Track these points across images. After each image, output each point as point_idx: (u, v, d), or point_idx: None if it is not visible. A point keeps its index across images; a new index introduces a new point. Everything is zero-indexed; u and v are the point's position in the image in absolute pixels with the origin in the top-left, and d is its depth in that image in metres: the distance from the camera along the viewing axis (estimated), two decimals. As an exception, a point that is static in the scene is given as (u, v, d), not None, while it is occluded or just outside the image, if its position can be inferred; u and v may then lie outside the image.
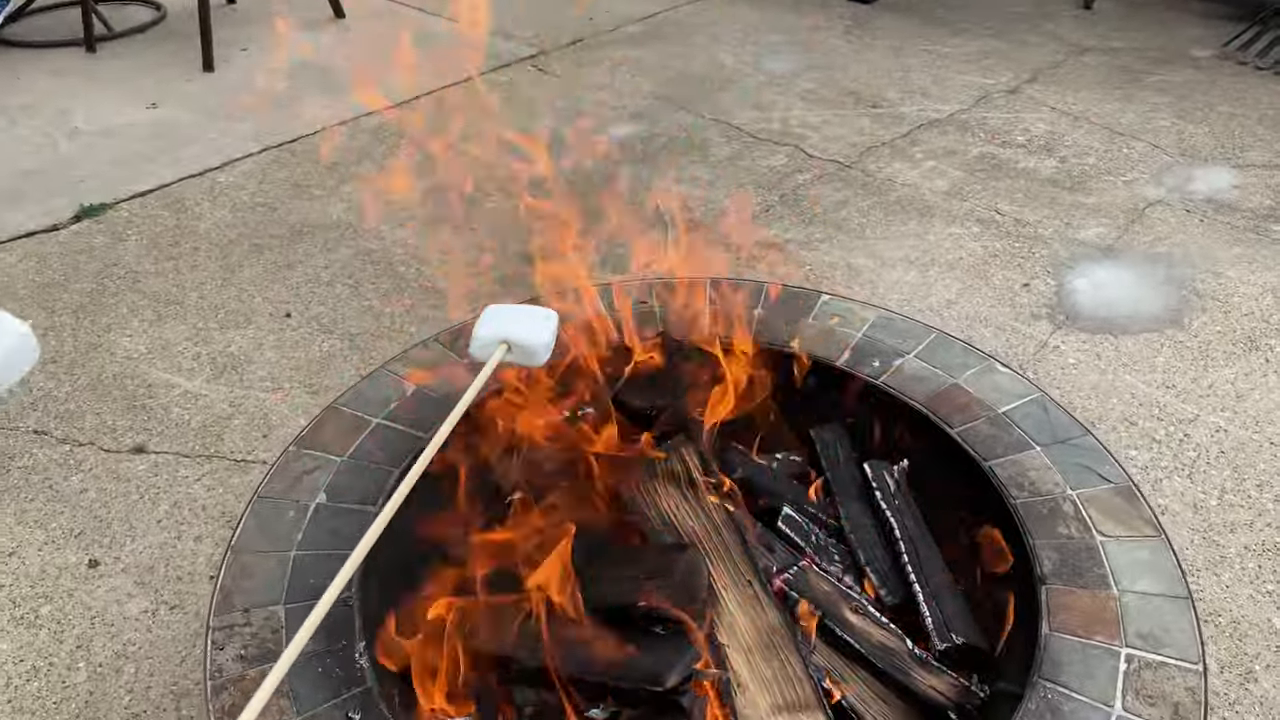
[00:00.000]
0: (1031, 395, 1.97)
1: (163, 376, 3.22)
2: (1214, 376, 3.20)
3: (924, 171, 4.39)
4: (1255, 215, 4.02)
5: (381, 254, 3.84)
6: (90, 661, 2.35)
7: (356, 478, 1.83)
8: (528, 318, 1.64)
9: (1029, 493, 1.77)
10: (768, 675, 1.62)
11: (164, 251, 3.87)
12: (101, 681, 2.30)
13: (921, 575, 1.79)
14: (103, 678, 2.31)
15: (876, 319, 2.16)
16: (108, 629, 2.43)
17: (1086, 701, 1.47)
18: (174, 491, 2.81)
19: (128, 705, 2.26)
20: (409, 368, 2.07)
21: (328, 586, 1.62)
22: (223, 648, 1.56)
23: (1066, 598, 1.61)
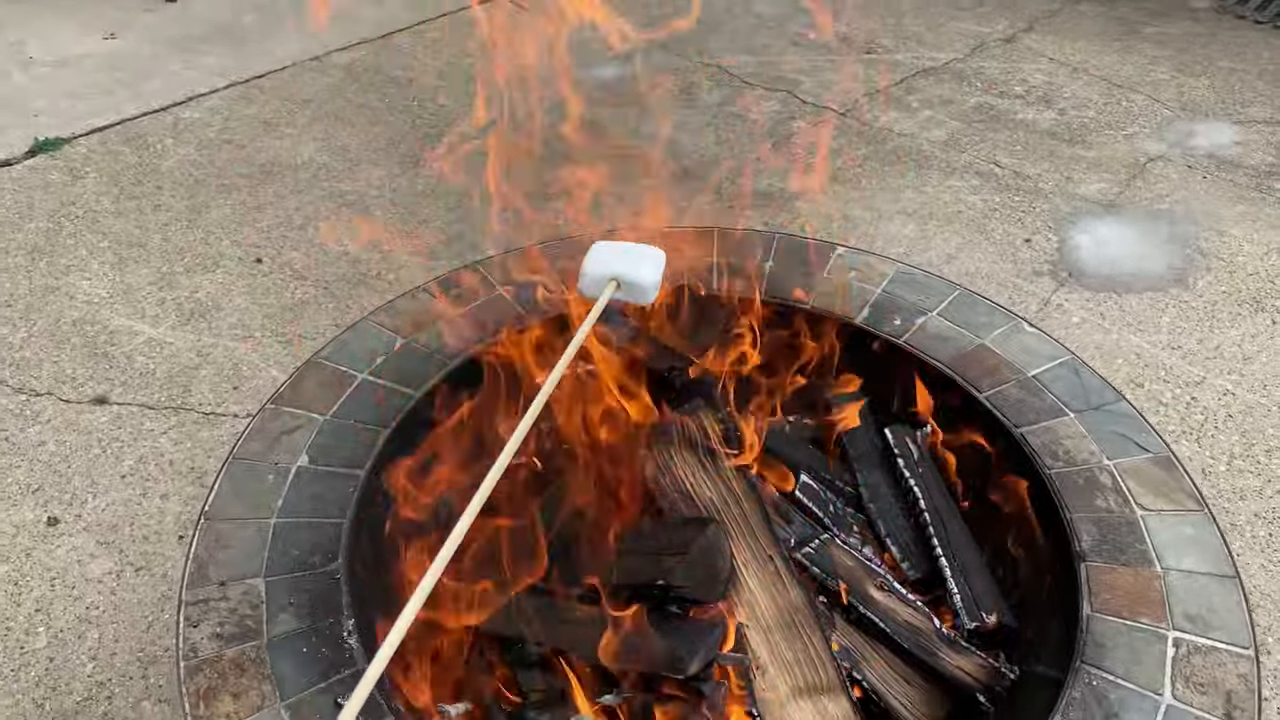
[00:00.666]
0: (1062, 358, 1.85)
1: (125, 323, 3.03)
2: (1220, 338, 3.12)
3: (920, 121, 4.25)
4: (1258, 172, 3.92)
5: (357, 196, 3.65)
6: (50, 626, 2.20)
7: (341, 439, 1.68)
8: (637, 255, 1.56)
9: (1064, 462, 1.67)
10: (789, 657, 1.51)
11: (125, 190, 3.65)
12: (63, 647, 2.16)
13: (949, 549, 1.68)
14: (64, 643, 2.17)
15: (896, 274, 2.03)
16: (69, 591, 2.28)
17: (1134, 689, 1.37)
18: (139, 445, 2.64)
19: (91, 673, 2.13)
20: (396, 319, 1.91)
21: (312, 556, 1.49)
22: (197, 625, 1.42)
23: (1108, 576, 1.51)
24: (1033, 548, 1.66)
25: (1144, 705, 1.36)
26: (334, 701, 1.34)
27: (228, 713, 1.32)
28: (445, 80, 4.46)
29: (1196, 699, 1.36)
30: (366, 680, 1.02)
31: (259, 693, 1.35)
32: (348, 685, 1.36)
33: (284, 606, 1.45)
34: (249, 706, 1.34)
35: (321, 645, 1.41)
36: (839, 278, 2.01)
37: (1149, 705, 1.36)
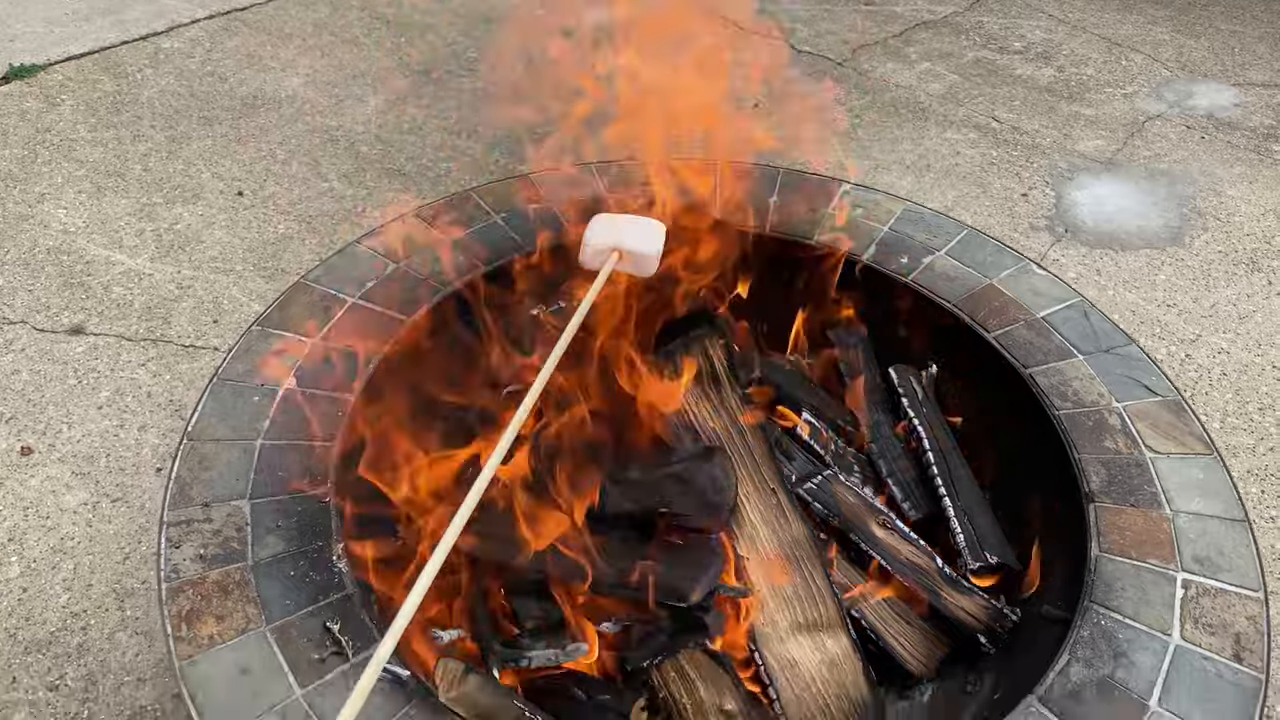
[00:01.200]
0: (1072, 300, 1.81)
1: (102, 253, 2.94)
2: (1215, 297, 3.09)
3: (919, 73, 4.18)
4: (1256, 134, 3.89)
5: (343, 132, 3.56)
6: (24, 556, 2.14)
7: (329, 362, 1.62)
8: (638, 227, 1.60)
9: (1072, 404, 1.63)
10: (789, 591, 1.47)
11: (102, 119, 3.54)
12: (36, 577, 2.10)
13: (952, 488, 1.64)
14: (37, 573, 2.11)
15: (904, 211, 1.98)
16: (43, 522, 2.21)
17: (1143, 629, 1.35)
18: (116, 377, 2.57)
19: (65, 604, 2.07)
20: (386, 243, 1.84)
21: (300, 479, 1.44)
22: (179, 546, 1.36)
23: (1116, 517, 1.48)
24: (1040, 488, 1.62)
25: (1153, 645, 1.33)
26: (323, 625, 1.29)
27: (211, 634, 1.28)
28: (431, 16, 4.34)
29: (1205, 639, 1.34)
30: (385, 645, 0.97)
31: (244, 615, 1.30)
32: (336, 609, 1.31)
33: (270, 529, 1.39)
34: (233, 629, 1.29)
35: (309, 569, 1.36)
36: (845, 214, 1.96)
37: (1158, 645, 1.33)
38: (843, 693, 1.46)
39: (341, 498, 1.44)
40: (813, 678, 1.45)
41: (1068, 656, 1.32)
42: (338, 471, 1.46)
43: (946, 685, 1.58)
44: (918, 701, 1.58)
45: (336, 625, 1.29)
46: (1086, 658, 1.32)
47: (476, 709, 1.23)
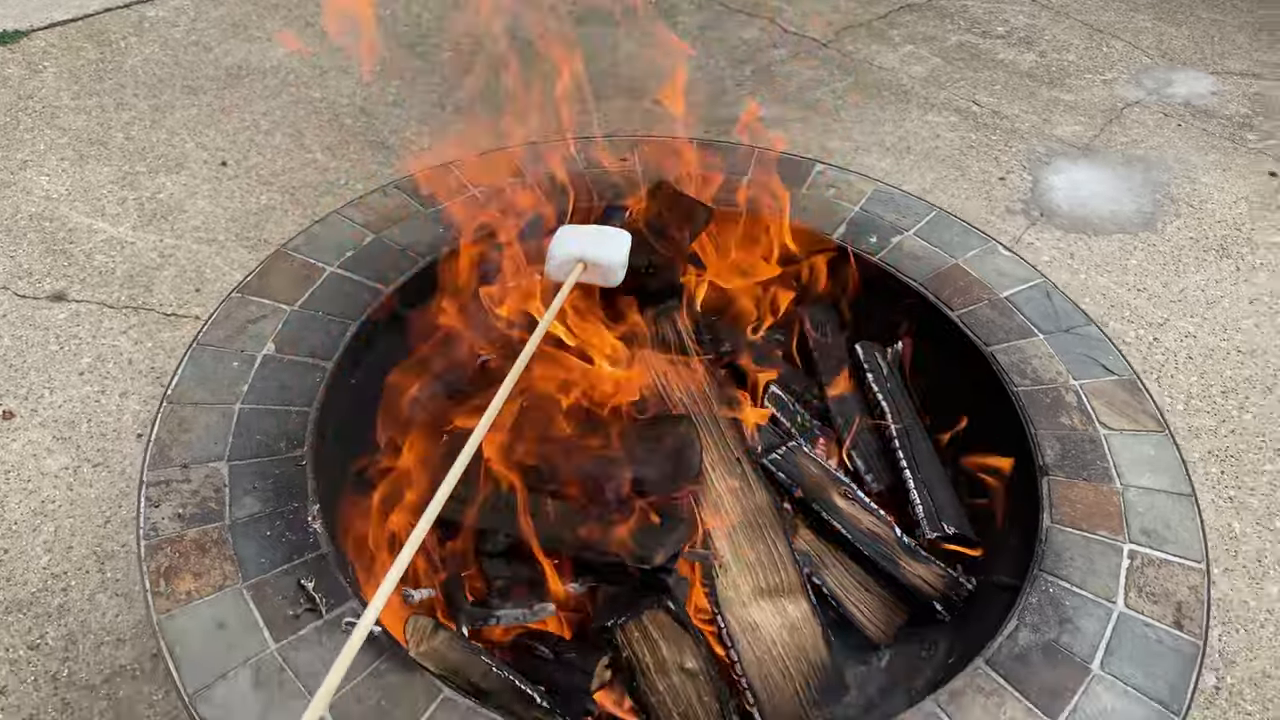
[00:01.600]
0: (1035, 280, 1.86)
1: (85, 220, 2.96)
2: (1185, 282, 3.15)
3: (902, 56, 4.21)
4: (1231, 123, 3.94)
5: (326, 104, 3.57)
6: (5, 518, 2.17)
7: (308, 329, 1.66)
8: (602, 237, 1.63)
9: (1031, 381, 1.68)
10: (752, 558, 1.52)
11: (85, 87, 3.54)
12: (17, 539, 2.13)
13: (913, 461, 1.69)
14: (18, 535, 2.14)
15: (874, 192, 2.02)
16: (24, 485, 2.24)
17: (1089, 597, 1.40)
18: (98, 344, 2.59)
19: (47, 565, 2.10)
20: (367, 214, 1.88)
21: (277, 443, 1.48)
22: (158, 505, 1.40)
23: (1068, 490, 1.53)
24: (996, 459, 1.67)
25: (1097, 612, 1.39)
26: (297, 583, 1.33)
27: (189, 590, 1.32)
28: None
29: (1148, 608, 1.40)
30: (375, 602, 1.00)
31: (221, 573, 1.34)
32: (311, 568, 1.35)
33: (247, 490, 1.43)
34: (210, 585, 1.33)
35: (285, 529, 1.40)
36: (818, 194, 1.99)
37: (1102, 612, 1.39)
38: (802, 655, 1.52)
39: (319, 460, 1.48)
40: (773, 641, 1.50)
41: (1016, 622, 1.37)
42: (315, 435, 1.50)
43: (904, 651, 1.64)
44: (876, 666, 1.64)
45: (311, 583, 1.33)
46: (1034, 623, 1.37)
47: (445, 664, 1.27)
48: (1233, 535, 2.40)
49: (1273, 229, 3.36)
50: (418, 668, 1.26)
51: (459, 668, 1.28)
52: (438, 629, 1.27)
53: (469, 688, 1.29)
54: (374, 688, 1.24)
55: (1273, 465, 2.58)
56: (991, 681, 1.31)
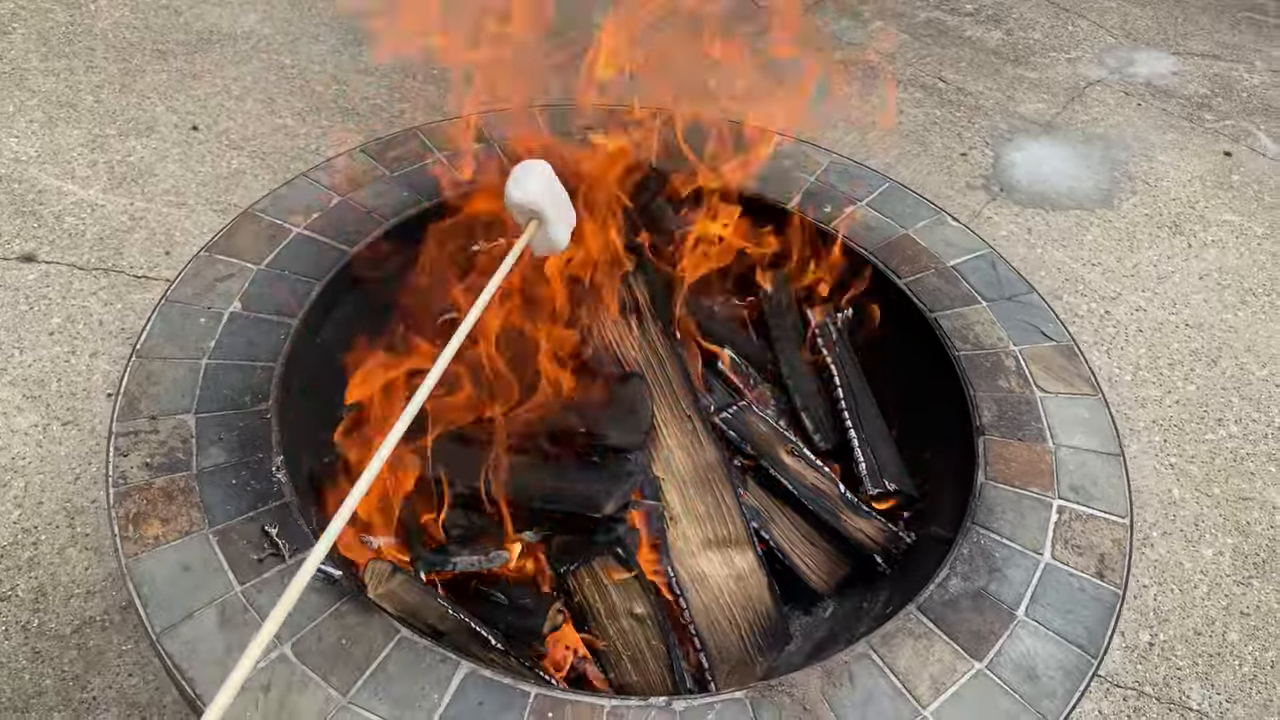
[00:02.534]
0: (981, 251, 1.93)
1: (54, 183, 2.97)
2: (1138, 257, 3.24)
3: (870, 32, 4.27)
4: (1191, 103, 4.03)
5: (298, 71, 3.58)
6: (-25, 474, 2.21)
7: (274, 287, 1.70)
8: (564, 206, 1.44)
9: (972, 345, 1.75)
10: (701, 511, 1.59)
11: (54, 49, 3.54)
12: (-12, 494, 2.17)
13: (858, 422, 1.77)
14: (-11, 490, 2.18)
15: (830, 164, 2.09)
16: (-6, 441, 2.28)
17: (1017, 549, 1.48)
18: (67, 304, 2.62)
19: (17, 520, 2.15)
20: (333, 177, 1.92)
21: (243, 397, 1.53)
22: (127, 454, 1.45)
23: (1003, 449, 1.61)
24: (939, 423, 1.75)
25: (1025, 563, 1.46)
26: (261, 529, 1.39)
27: (156, 535, 1.37)
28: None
29: (1073, 559, 1.47)
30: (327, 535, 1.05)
31: (187, 519, 1.39)
32: (275, 515, 1.41)
33: (214, 441, 1.48)
34: (177, 531, 1.38)
35: (250, 478, 1.45)
36: (775, 165, 2.05)
37: (1029, 563, 1.46)
38: (748, 604, 1.59)
39: (283, 413, 1.53)
40: (720, 590, 1.57)
41: (947, 571, 1.45)
42: (279, 389, 1.55)
43: (847, 601, 1.72)
44: (820, 616, 1.71)
45: (275, 529, 1.39)
46: (964, 572, 1.45)
47: (402, 606, 1.33)
48: (1172, 500, 2.50)
49: (1224, 207, 3.46)
50: (376, 609, 1.32)
51: (416, 610, 1.34)
52: (395, 572, 1.33)
53: (426, 629, 1.35)
54: (334, 628, 1.30)
55: (1213, 434, 2.68)
56: (922, 625, 1.38)
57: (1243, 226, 3.38)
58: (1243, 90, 4.13)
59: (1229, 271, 3.20)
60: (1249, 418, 2.73)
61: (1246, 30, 4.60)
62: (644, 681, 1.47)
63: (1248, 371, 2.86)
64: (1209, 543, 2.41)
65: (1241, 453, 2.64)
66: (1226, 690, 2.12)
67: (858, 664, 1.33)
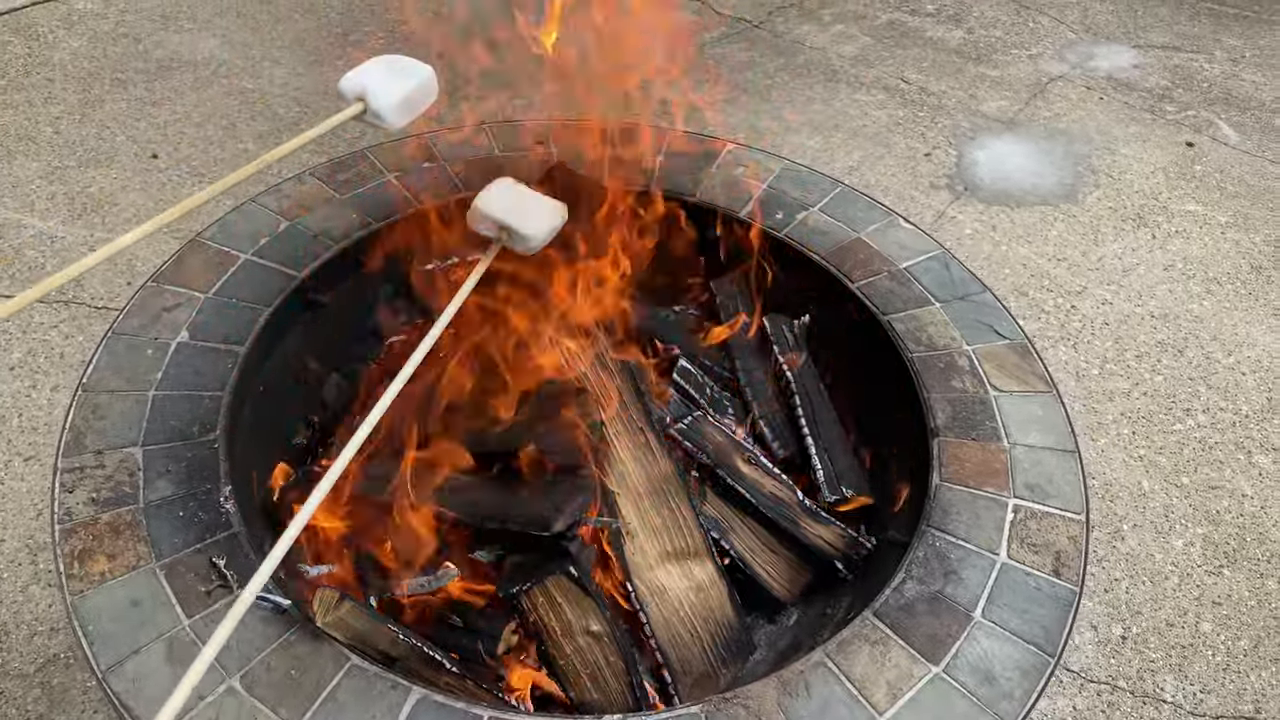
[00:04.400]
0: (933, 252, 1.93)
1: (13, 216, 2.95)
2: (1103, 251, 3.25)
3: (833, 35, 4.28)
4: (1152, 95, 4.05)
5: (259, 94, 3.57)
6: (-65, 513, 2.18)
7: (221, 316, 1.69)
8: (531, 205, 1.52)
9: (926, 347, 1.75)
10: (658, 523, 1.58)
11: (12, 81, 3.52)
12: (-52, 534, 2.15)
13: (816, 429, 1.76)
14: (-51, 530, 2.16)
15: (782, 170, 2.08)
16: (-46, 480, 2.26)
17: (973, 549, 1.48)
18: (28, 339, 2.60)
19: (-22, 559, 2.12)
20: (281, 201, 1.91)
21: (191, 427, 1.51)
22: (72, 490, 1.44)
23: (958, 449, 1.60)
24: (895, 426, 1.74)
25: (980, 563, 1.46)
26: (209, 561, 1.37)
27: (102, 572, 1.35)
28: (354, -21, 4.35)
29: (1029, 558, 1.47)
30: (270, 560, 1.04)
31: (134, 554, 1.38)
32: (223, 546, 1.39)
33: (161, 473, 1.47)
34: (124, 566, 1.36)
35: (198, 510, 1.44)
36: (726, 173, 2.05)
37: (985, 563, 1.46)
38: (710, 615, 1.58)
39: (231, 443, 1.52)
40: (681, 602, 1.57)
41: (903, 575, 1.44)
42: (227, 419, 1.54)
43: (810, 609, 1.71)
44: (784, 625, 1.71)
45: (223, 560, 1.37)
46: (920, 575, 1.44)
47: (352, 633, 1.32)
48: (1142, 492, 2.50)
49: (1187, 198, 3.47)
50: (326, 637, 1.31)
51: (366, 636, 1.33)
52: (343, 599, 1.32)
53: (378, 655, 1.34)
54: (284, 658, 1.29)
55: (1181, 425, 2.68)
56: (878, 631, 1.38)
57: (1206, 216, 3.39)
58: (1203, 80, 4.15)
59: (1193, 261, 3.21)
60: (1216, 407, 2.73)
61: (1205, 21, 4.63)
62: (604, 699, 1.46)
63: (1214, 360, 2.86)
64: (1179, 533, 2.41)
65: (1210, 442, 2.64)
66: (1200, 681, 2.12)
67: (814, 673, 1.32)
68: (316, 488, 1.10)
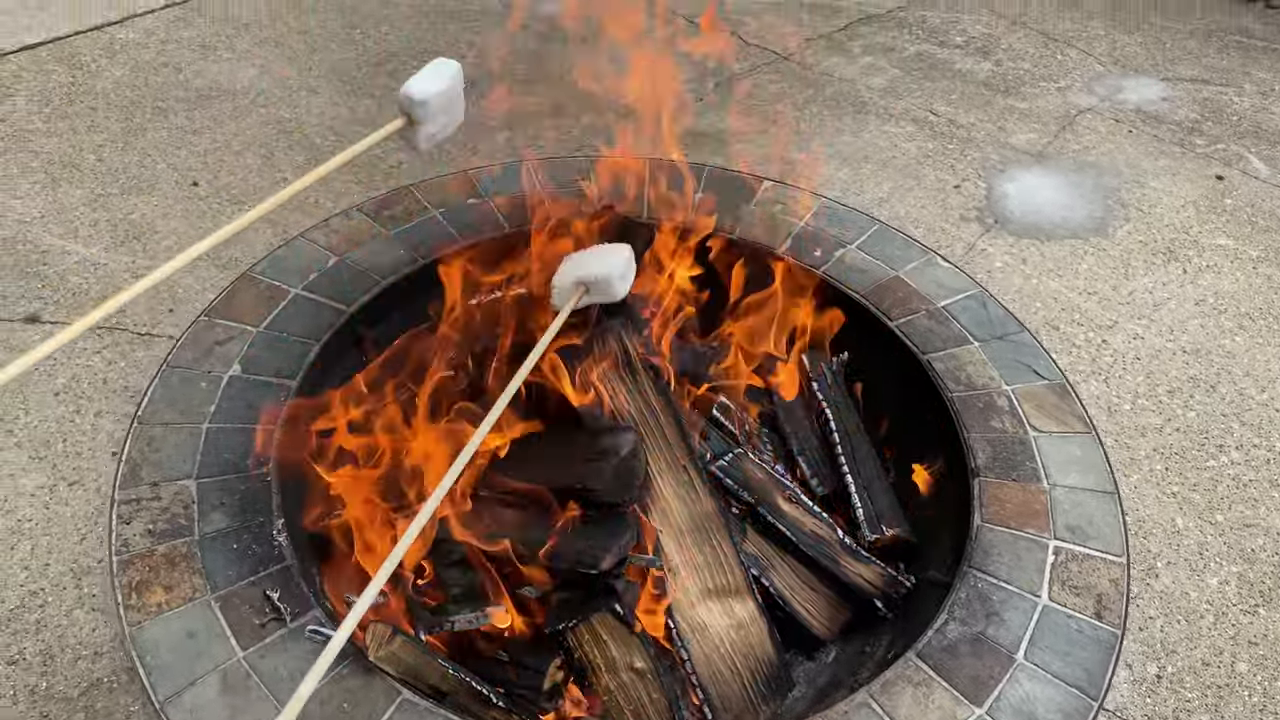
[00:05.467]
0: (971, 291, 1.95)
1: (58, 243, 3.01)
2: (1134, 285, 3.25)
3: (861, 67, 4.31)
4: (1181, 128, 4.05)
5: (295, 123, 3.63)
6: (-18, 537, 2.22)
7: (273, 350, 1.73)
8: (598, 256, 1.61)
9: (965, 386, 1.77)
10: (699, 561, 1.60)
11: (57, 110, 3.59)
12: (-5, 558, 2.18)
13: (855, 466, 1.78)
14: (-4, 554, 2.19)
15: (820, 207, 2.11)
16: (1, 504, 2.29)
17: (1015, 591, 1.49)
18: (72, 364, 2.64)
19: (24, 582, 2.15)
20: (330, 236, 1.94)
21: (244, 460, 1.55)
22: (129, 522, 1.47)
23: (999, 490, 1.62)
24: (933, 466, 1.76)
25: (1023, 605, 1.47)
26: (263, 593, 1.40)
27: (159, 603, 1.38)
28: (389, 8, 4.42)
29: (1070, 599, 1.48)
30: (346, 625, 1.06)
31: (190, 585, 1.41)
32: (276, 579, 1.42)
33: (215, 506, 1.50)
34: (180, 598, 1.39)
35: (251, 542, 1.47)
36: (765, 209, 2.08)
37: (1027, 605, 1.47)
38: (750, 652, 1.59)
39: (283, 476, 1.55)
40: (721, 639, 1.58)
41: (945, 616, 1.46)
42: (279, 452, 1.57)
43: (849, 647, 1.72)
44: (822, 662, 1.72)
45: (276, 593, 1.40)
46: (962, 617, 1.45)
47: (403, 667, 1.34)
48: (1175, 530, 2.49)
49: (1218, 232, 3.47)
50: (378, 671, 1.33)
51: (417, 670, 1.35)
52: (396, 634, 1.34)
53: (428, 689, 1.36)
54: (337, 691, 1.31)
55: (1215, 461, 2.68)
56: (921, 672, 1.39)
57: (1237, 250, 3.39)
58: (1233, 114, 4.16)
59: (1225, 296, 3.21)
60: (1250, 443, 2.73)
61: (1234, 54, 4.64)
62: (647, 734, 1.47)
63: (1247, 397, 2.86)
64: (1214, 571, 2.40)
65: (1244, 479, 2.63)
66: (1236, 722, 2.11)
67: (857, 713, 1.33)
68: (405, 534, 1.12)
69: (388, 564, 1.08)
